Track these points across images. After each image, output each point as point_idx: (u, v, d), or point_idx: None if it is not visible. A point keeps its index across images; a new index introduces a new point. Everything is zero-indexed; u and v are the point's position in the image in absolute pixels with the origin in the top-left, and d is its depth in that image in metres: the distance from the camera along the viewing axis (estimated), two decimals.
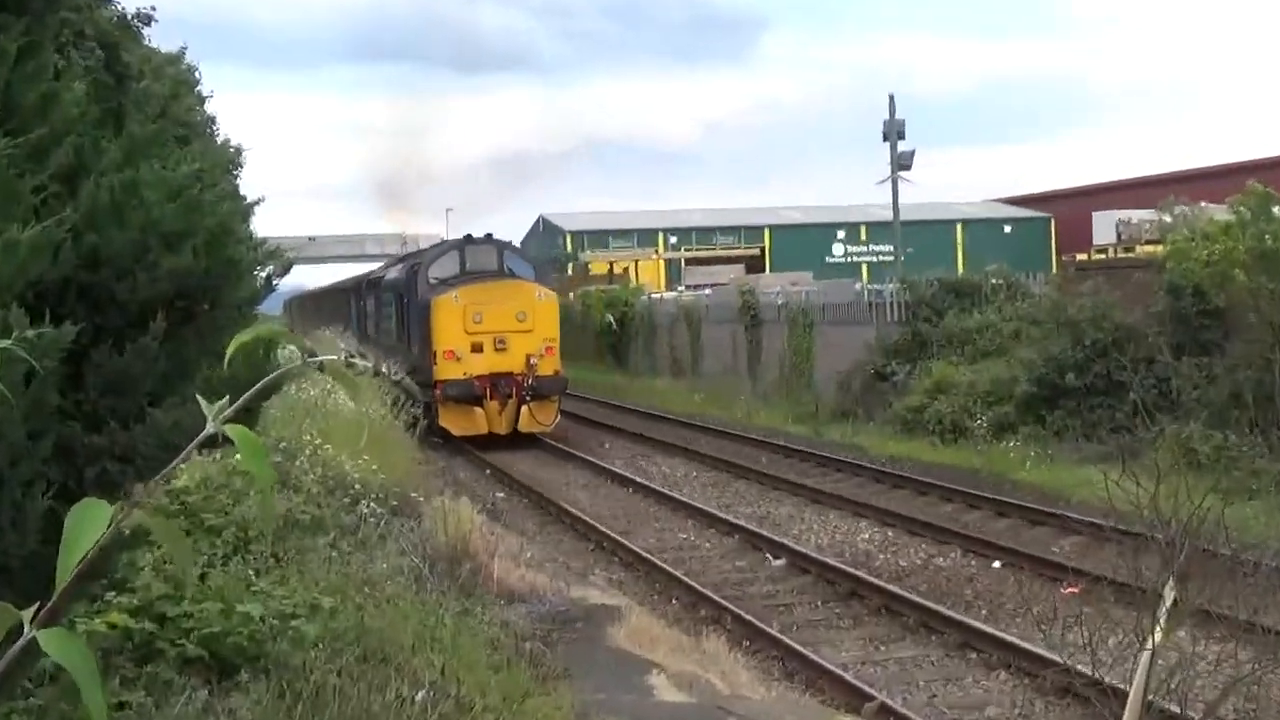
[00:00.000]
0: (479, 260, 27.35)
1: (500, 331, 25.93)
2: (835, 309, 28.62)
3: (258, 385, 1.43)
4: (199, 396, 1.64)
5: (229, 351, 1.41)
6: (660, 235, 67.89)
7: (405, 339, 28.83)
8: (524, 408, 25.99)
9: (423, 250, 32.83)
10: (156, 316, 4.82)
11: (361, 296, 36.69)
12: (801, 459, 22.35)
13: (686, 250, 65.91)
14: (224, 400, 1.42)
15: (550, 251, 64.71)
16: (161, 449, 4.98)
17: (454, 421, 25.84)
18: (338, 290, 46.01)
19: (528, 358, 25.87)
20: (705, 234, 67.94)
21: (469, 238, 28.47)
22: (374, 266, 41.93)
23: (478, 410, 26.11)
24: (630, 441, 26.05)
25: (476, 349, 25.85)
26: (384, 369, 1.47)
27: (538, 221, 71.87)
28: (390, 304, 31.33)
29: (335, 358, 1.45)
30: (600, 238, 66.18)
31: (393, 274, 32.28)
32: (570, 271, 60.99)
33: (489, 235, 28.50)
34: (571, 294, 51.83)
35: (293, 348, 1.64)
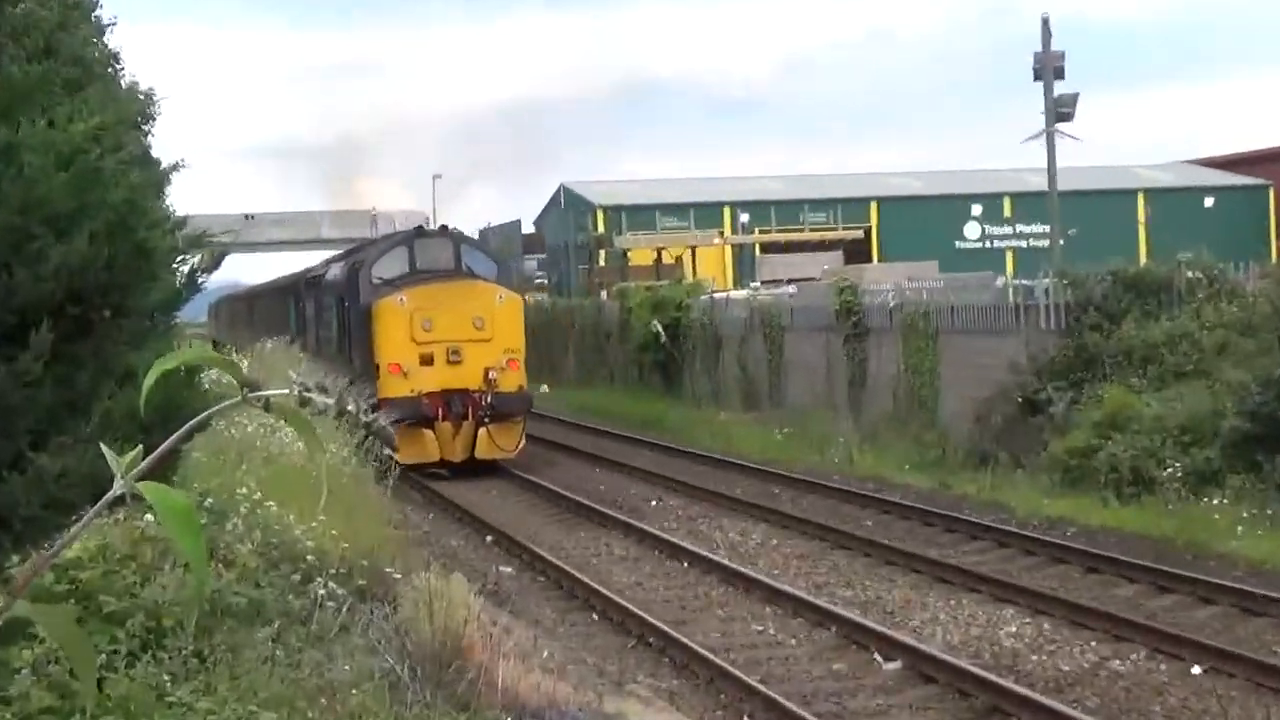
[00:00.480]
0: (431, 256, 30.55)
1: (454, 341, 29.02)
2: (969, 313, 28.51)
3: (184, 428, 1.44)
4: (100, 442, 1.66)
5: (145, 384, 1.42)
6: (726, 211, 67.99)
7: (346, 350, 31.50)
8: (482, 430, 28.93)
9: (365, 244, 36.47)
10: (41, 327, 4.87)
11: (301, 298, 39.49)
12: (922, 521, 22.25)
13: (762, 232, 65.93)
14: (136, 451, 1.43)
15: (575, 234, 64.96)
16: (47, 507, 5.03)
17: (400, 447, 26.84)
18: (275, 291, 48.94)
19: (486, 371, 28.96)
20: (789, 209, 67.94)
21: (420, 230, 32.34)
22: (333, 254, 43.53)
23: (427, 434, 28.47)
24: (686, 497, 26.06)
25: (426, 361, 28.97)
26: (351, 407, 1.48)
27: (558, 193, 72.16)
28: (331, 308, 34.28)
29: (285, 392, 1.46)
30: (644, 215, 66.33)
31: (334, 272, 35.23)
32: (603, 261, 61.22)
33: (443, 227, 32.29)
34: (605, 292, 52.04)
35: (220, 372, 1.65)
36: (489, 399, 28.74)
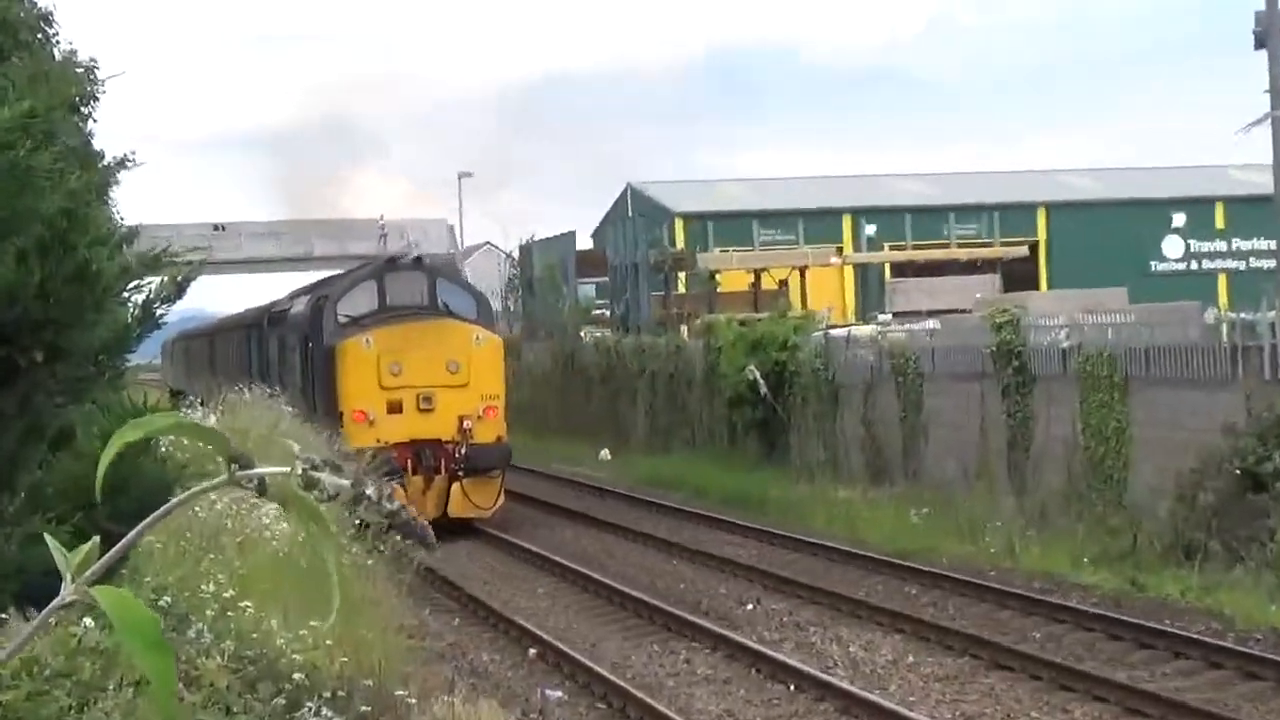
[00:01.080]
0: (403, 291, 35.42)
1: (425, 386, 33.56)
2: (1169, 356, 28.29)
3: (151, 518, 1.44)
4: (28, 522, 1.67)
5: (103, 463, 1.42)
6: (846, 220, 68.02)
7: (310, 395, 35.63)
8: (455, 486, 33.41)
9: (333, 278, 41.66)
10: None
11: (264, 336, 44.58)
12: (1107, 634, 22.06)
13: (894, 248, 65.85)
14: (90, 544, 1.44)
15: (646, 250, 65.11)
16: None
17: None
18: (240, 327, 53.71)
19: (461, 420, 33.54)
20: (929, 219, 67.90)
21: (391, 262, 37.43)
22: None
23: (395, 489, 30.77)
24: (792, 598, 25.98)
25: (394, 409, 33.49)
26: (371, 491, 1.48)
27: (624, 196, 72.43)
28: (295, 348, 38.96)
29: (285, 470, 1.46)
30: (737, 225, 66.46)
31: (297, 307, 40.13)
32: (683, 286, 61.29)
33: (417, 258, 37.65)
34: (685, 327, 52.03)
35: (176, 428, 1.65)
36: (463, 451, 33.24)
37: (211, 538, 15.99)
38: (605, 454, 48.00)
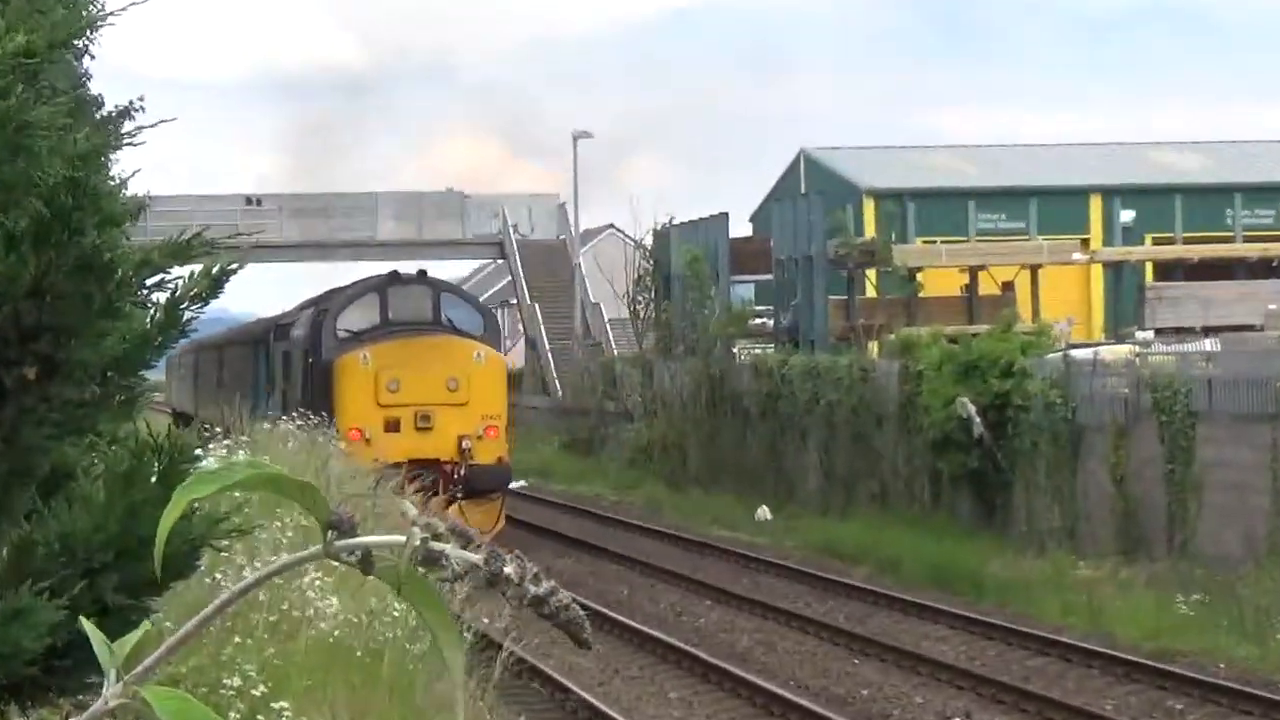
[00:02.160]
0: (406, 306, 43.62)
1: (424, 404, 41.33)
2: None
3: (219, 602, 1.49)
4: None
5: (163, 526, 1.46)
6: (1094, 203, 67.64)
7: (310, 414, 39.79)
8: (453, 508, 38.47)
9: (336, 290, 48.48)
10: None
11: (270, 351, 51.43)
12: None
13: (1158, 241, 65.41)
14: (142, 628, 1.48)
15: (824, 239, 65.09)
16: None
17: None
18: (245, 340, 60.43)
19: (460, 440, 41.10)
20: (1206, 202, 67.45)
21: (394, 275, 45.22)
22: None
23: None
24: (1014, 713, 25.92)
25: (391, 427, 41.15)
26: (511, 570, 1.52)
27: (795, 166, 72.39)
28: (297, 364, 45.60)
29: (399, 539, 1.51)
30: (946, 207, 66.28)
31: (300, 321, 47.16)
32: (872, 288, 61.13)
33: (422, 273, 45.95)
34: (875, 343, 51.92)
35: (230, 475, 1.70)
36: (462, 471, 40.85)
37: (238, 615, 16.17)
38: (764, 513, 47.92)
